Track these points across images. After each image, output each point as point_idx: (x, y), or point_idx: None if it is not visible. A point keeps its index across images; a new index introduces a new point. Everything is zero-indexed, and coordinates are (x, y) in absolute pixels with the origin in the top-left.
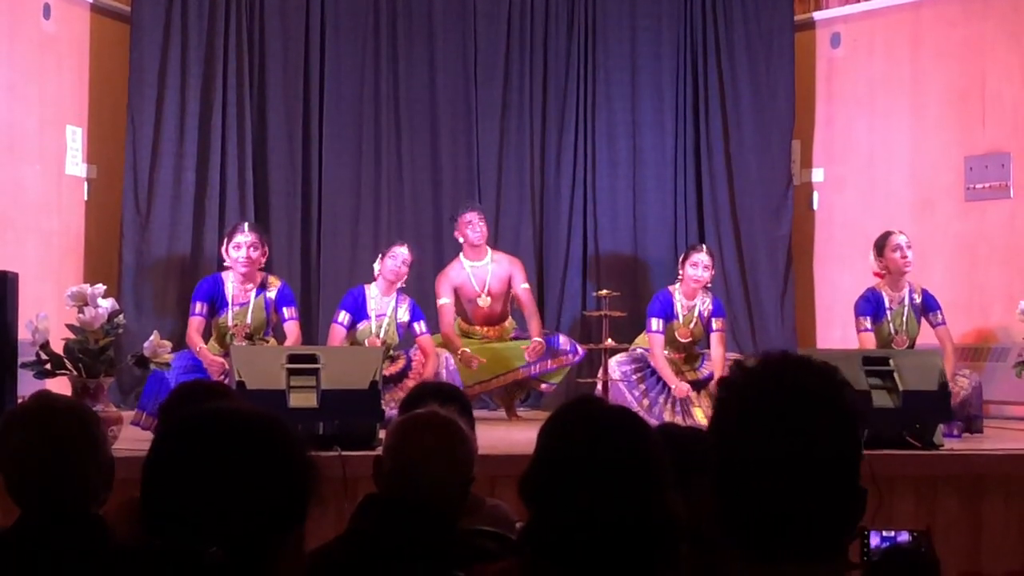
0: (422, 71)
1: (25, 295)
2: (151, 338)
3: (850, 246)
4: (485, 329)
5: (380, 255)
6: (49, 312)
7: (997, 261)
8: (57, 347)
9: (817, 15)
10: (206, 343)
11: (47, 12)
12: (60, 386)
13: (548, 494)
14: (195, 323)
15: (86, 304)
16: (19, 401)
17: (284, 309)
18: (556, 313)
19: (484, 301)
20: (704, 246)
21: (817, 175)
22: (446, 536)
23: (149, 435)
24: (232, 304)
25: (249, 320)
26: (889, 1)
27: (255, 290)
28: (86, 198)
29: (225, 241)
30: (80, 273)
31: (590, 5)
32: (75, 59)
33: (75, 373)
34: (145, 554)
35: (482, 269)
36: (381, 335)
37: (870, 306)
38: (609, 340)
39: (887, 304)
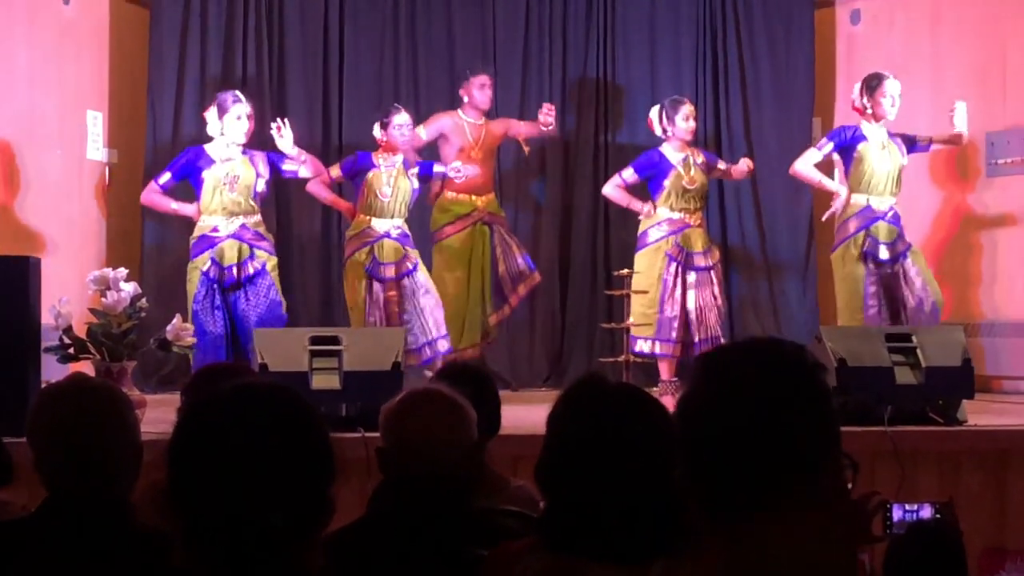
0: (441, 53)
1: (47, 280)
2: (173, 321)
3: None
4: (473, 198)
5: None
6: (71, 297)
7: (1019, 236)
8: (80, 331)
9: None
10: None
11: None
12: (83, 370)
13: (561, 479)
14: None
15: (108, 288)
16: (43, 385)
17: (280, 160)
18: (577, 289)
19: (457, 165)
20: (686, 98)
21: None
22: (461, 512)
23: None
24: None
25: (238, 173)
26: None
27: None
28: (107, 183)
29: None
30: (102, 258)
31: None
32: (95, 44)
33: (98, 357)
34: (170, 538)
35: (477, 126)
36: (391, 182)
37: (840, 137)
38: (631, 319)
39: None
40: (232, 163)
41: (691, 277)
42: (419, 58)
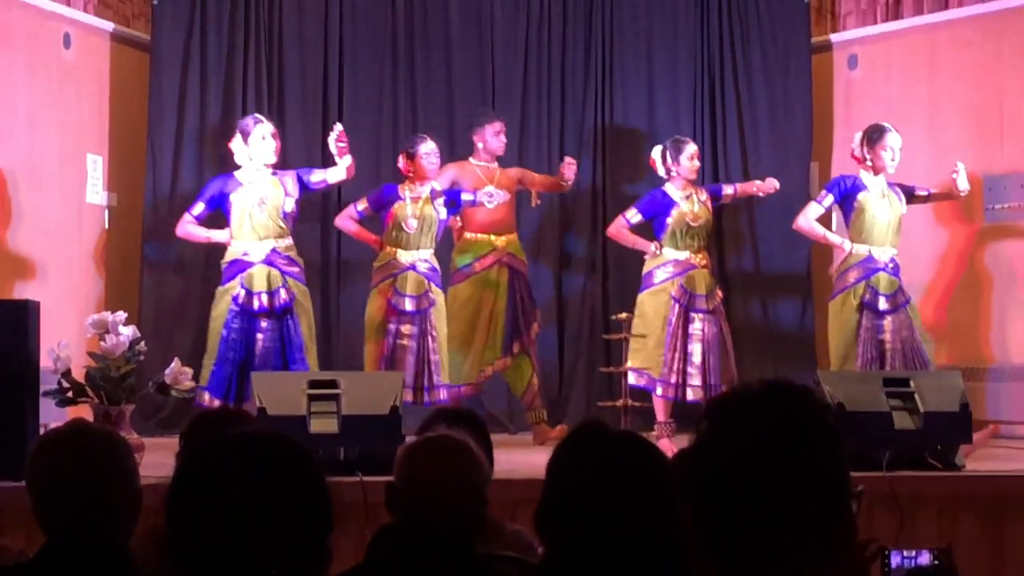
0: (440, 100)
1: (46, 323)
2: (172, 365)
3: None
4: (493, 238)
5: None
6: (70, 340)
7: (1018, 281)
8: (78, 375)
9: (834, 37)
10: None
11: (67, 41)
12: (82, 414)
13: (561, 525)
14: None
15: (107, 332)
16: (42, 429)
17: (308, 172)
18: (575, 334)
19: (490, 190)
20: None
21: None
22: (464, 562)
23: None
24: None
25: (266, 194)
26: (905, 23)
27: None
28: (107, 226)
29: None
30: (101, 301)
31: (607, 28)
32: (95, 88)
33: (96, 400)
34: None
35: (491, 169)
36: (416, 213)
37: (840, 187)
38: (629, 363)
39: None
40: (260, 184)
41: (695, 322)
42: (418, 102)
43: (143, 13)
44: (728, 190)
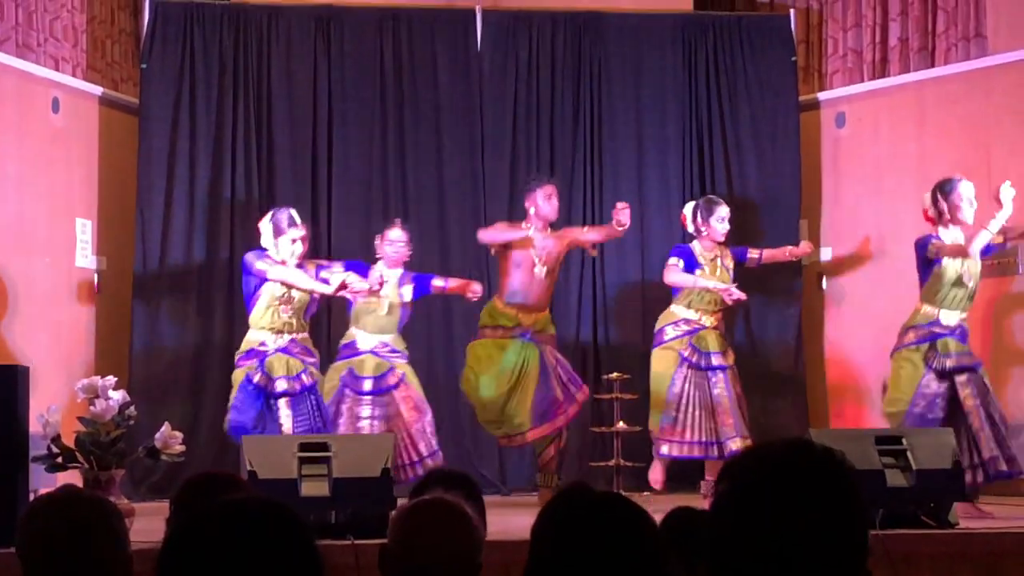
0: (429, 157)
1: (36, 387)
2: (162, 429)
3: (860, 326)
4: (520, 315)
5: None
6: (59, 404)
7: (1008, 337)
8: (68, 439)
9: (822, 95)
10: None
11: (56, 106)
12: (71, 480)
13: None
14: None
15: (97, 396)
16: (32, 494)
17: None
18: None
19: (539, 270)
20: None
21: (825, 254)
22: None
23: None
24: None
25: (294, 294)
26: (892, 80)
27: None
28: (96, 290)
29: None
30: (91, 365)
31: (595, 86)
32: (84, 152)
33: (86, 466)
34: None
35: (543, 239)
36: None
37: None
38: (621, 423)
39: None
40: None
41: (714, 379)
42: (407, 160)
43: (131, 77)
44: (753, 254)
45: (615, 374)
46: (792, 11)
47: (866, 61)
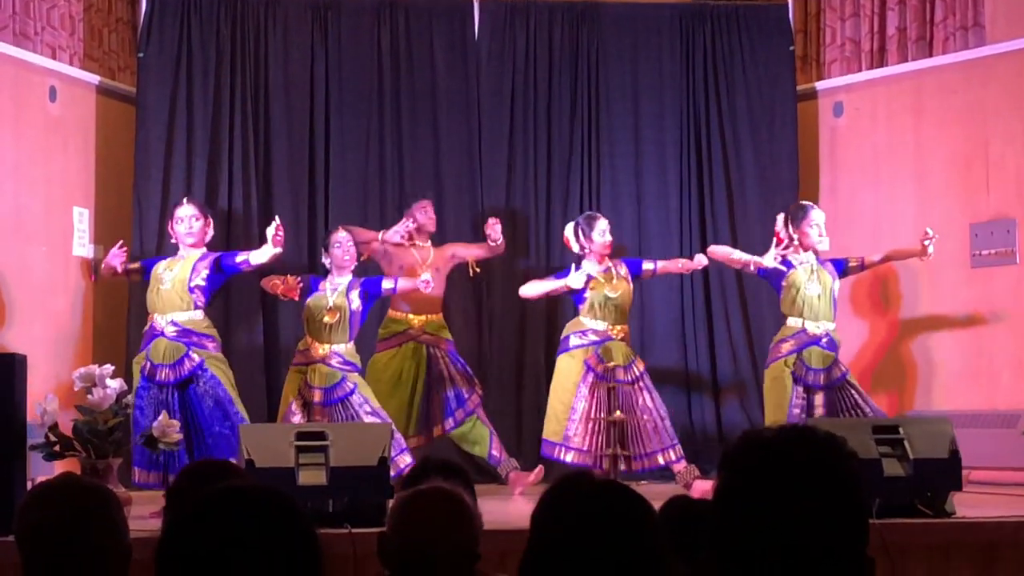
0: (426, 149)
1: (33, 377)
2: (159, 418)
3: (857, 314)
4: (410, 317)
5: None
6: (56, 393)
7: (1004, 327)
8: (65, 429)
9: (819, 85)
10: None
11: (53, 95)
12: (69, 468)
13: None
14: None
15: (94, 385)
16: (29, 483)
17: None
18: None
19: (427, 278)
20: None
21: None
22: None
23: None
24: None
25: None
26: (890, 70)
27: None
28: (93, 279)
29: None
30: (88, 354)
31: (593, 76)
32: (81, 141)
33: (84, 454)
34: None
35: (424, 249)
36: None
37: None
38: (618, 412)
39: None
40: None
41: (633, 396)
42: (404, 152)
43: (128, 66)
44: (648, 266)
45: (612, 363)
46: (790, 0)
47: (864, 50)
